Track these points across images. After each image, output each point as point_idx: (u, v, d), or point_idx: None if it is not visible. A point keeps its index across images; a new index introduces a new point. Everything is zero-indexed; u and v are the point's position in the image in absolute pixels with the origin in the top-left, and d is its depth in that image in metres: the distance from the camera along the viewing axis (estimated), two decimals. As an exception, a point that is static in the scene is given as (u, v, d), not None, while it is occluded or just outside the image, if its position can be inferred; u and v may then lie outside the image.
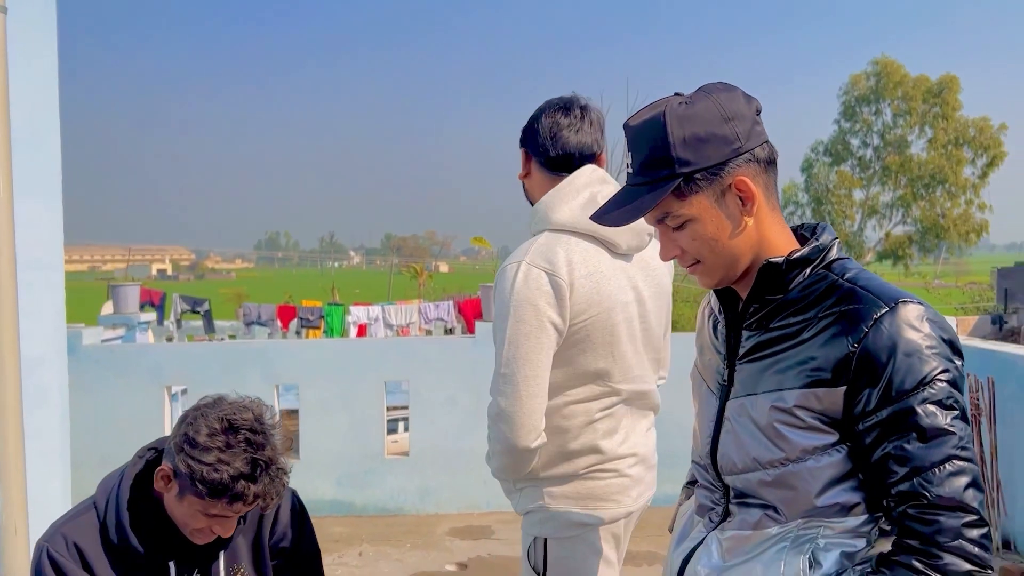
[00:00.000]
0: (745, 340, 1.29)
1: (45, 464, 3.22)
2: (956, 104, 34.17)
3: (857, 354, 1.15)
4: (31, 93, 3.15)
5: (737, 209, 1.23)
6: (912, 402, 1.12)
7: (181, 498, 1.58)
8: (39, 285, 3.17)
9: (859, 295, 1.18)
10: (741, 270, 1.28)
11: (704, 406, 1.38)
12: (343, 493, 5.34)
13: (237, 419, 1.55)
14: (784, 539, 1.24)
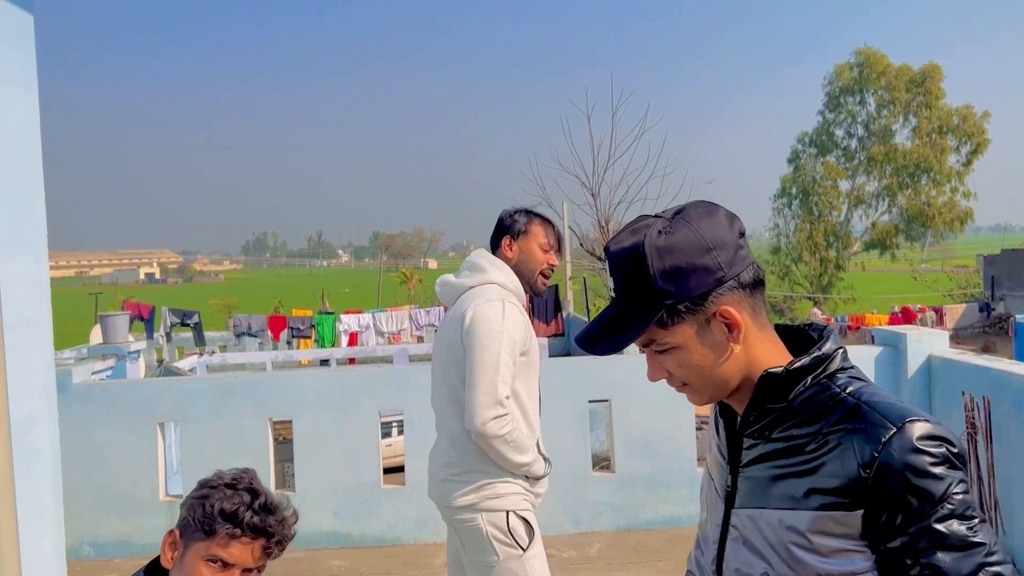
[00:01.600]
0: (747, 449, 1.27)
1: (37, 523, 3.17)
2: (939, 93, 34.36)
3: (871, 478, 1.14)
4: (12, 148, 3.09)
5: (723, 336, 1.22)
6: (933, 521, 1.12)
7: (184, 558, 1.59)
8: (27, 343, 3.12)
9: (865, 414, 1.17)
10: (731, 390, 1.27)
11: (711, 510, 1.35)
12: (340, 525, 5.30)
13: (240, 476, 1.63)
14: None
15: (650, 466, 5.41)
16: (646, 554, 4.97)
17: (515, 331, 2.51)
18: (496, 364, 2.46)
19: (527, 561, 2.51)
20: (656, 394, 5.42)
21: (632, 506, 5.41)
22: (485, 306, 2.51)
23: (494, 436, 2.45)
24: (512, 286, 2.63)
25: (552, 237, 2.72)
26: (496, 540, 2.50)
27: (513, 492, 2.53)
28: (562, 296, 17.87)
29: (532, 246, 2.68)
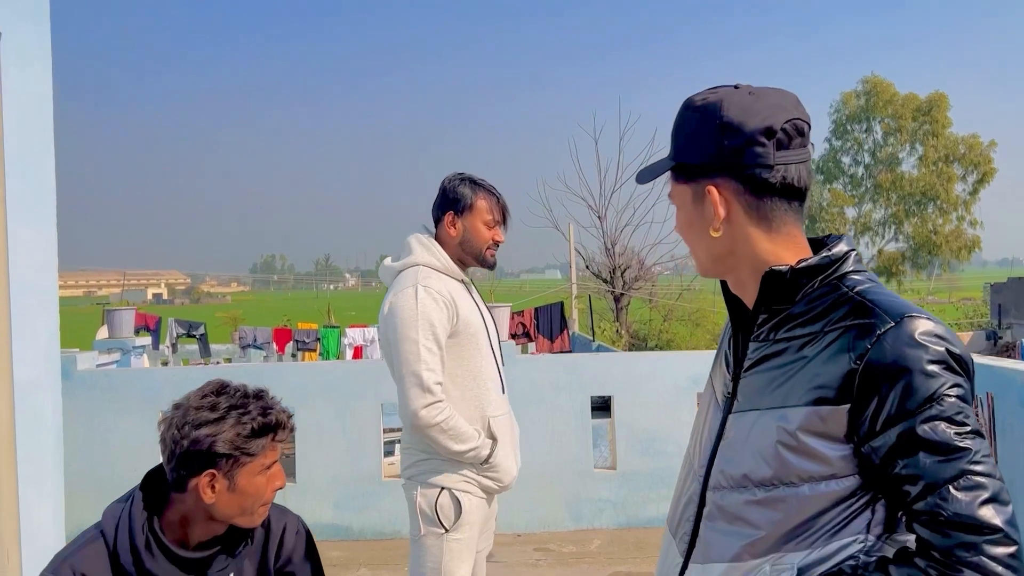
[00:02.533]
0: (751, 352, 1.24)
1: (38, 489, 3.18)
2: (946, 122, 34.48)
3: (860, 371, 1.10)
4: (25, 118, 3.15)
5: (710, 216, 1.22)
6: (920, 420, 1.07)
7: (234, 484, 1.61)
8: (34, 309, 3.16)
9: (866, 309, 1.13)
10: (723, 272, 1.28)
11: (709, 418, 1.32)
12: (340, 517, 5.29)
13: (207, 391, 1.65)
14: (763, 573, 1.17)
15: (652, 464, 5.39)
16: (647, 551, 4.93)
17: (432, 315, 2.42)
18: (417, 352, 2.39)
19: (447, 542, 2.45)
20: (658, 392, 5.42)
21: (633, 504, 5.38)
22: (399, 295, 2.46)
23: (428, 425, 2.39)
24: (441, 264, 2.55)
25: (497, 211, 2.61)
26: (421, 514, 2.48)
27: (453, 471, 2.47)
28: (567, 314, 17.84)
29: (477, 224, 2.58)
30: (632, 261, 24.76)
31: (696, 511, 1.26)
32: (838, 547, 1.13)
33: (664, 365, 5.53)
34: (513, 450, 2.63)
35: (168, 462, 1.61)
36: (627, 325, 24.45)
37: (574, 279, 24.00)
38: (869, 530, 1.14)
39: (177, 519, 1.65)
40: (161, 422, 1.65)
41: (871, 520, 1.14)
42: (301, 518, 1.87)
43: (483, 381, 2.54)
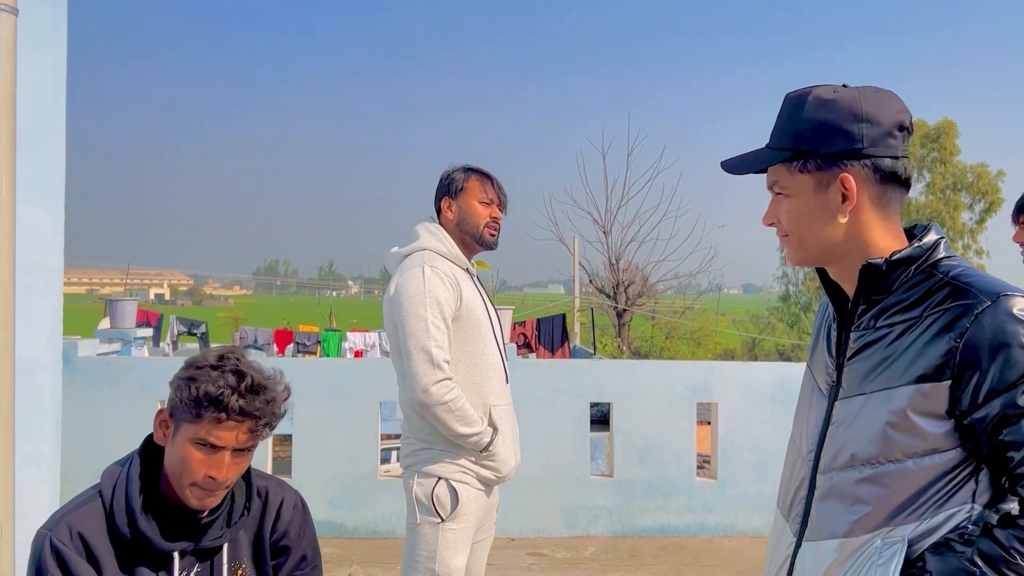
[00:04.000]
0: (853, 341, 1.31)
1: (34, 469, 3.18)
2: (954, 149, 34.51)
3: (960, 349, 1.17)
4: (37, 98, 3.17)
5: (836, 204, 1.28)
6: (1021, 391, 1.14)
7: (175, 437, 1.60)
8: (37, 289, 3.17)
9: (963, 291, 1.20)
10: (831, 260, 1.34)
11: (813, 407, 1.38)
12: (335, 514, 5.27)
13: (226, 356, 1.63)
14: (871, 548, 1.23)
15: (649, 472, 5.37)
16: (641, 559, 4.91)
17: (439, 294, 2.43)
18: (426, 328, 2.40)
19: (442, 531, 2.45)
20: (658, 400, 5.41)
21: (629, 512, 5.36)
22: (406, 275, 2.48)
23: (437, 403, 2.38)
24: (446, 250, 2.57)
25: (491, 191, 2.62)
26: (418, 503, 2.48)
27: (451, 461, 2.48)
28: (569, 327, 17.84)
29: (471, 202, 2.60)
30: (636, 277, 24.77)
31: (808, 493, 1.34)
32: (945, 517, 1.21)
33: (664, 374, 5.53)
34: (512, 442, 2.63)
35: None
36: (629, 341, 24.44)
37: (577, 292, 23.99)
38: (975, 499, 1.21)
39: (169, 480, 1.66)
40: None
41: (976, 490, 1.21)
42: (299, 493, 1.87)
43: (485, 368, 2.53)
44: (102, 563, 1.59)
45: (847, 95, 1.27)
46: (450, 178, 2.64)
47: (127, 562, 1.62)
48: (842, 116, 1.26)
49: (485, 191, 2.61)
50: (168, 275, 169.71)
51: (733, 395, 5.42)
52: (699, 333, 29.37)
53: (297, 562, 1.82)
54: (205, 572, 1.70)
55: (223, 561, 1.71)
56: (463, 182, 2.61)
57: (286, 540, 1.80)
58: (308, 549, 1.85)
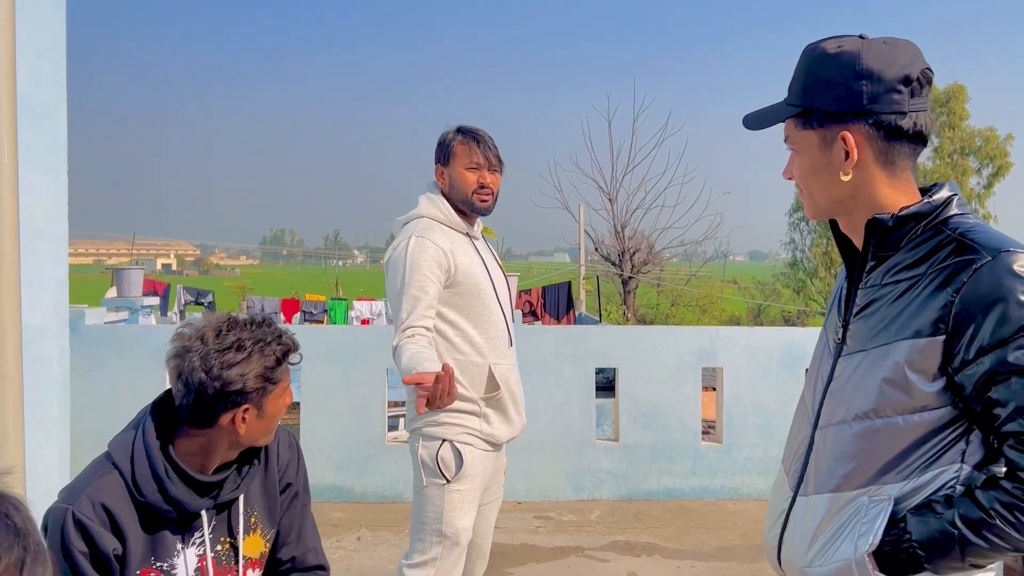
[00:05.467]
0: (859, 298, 1.31)
1: (43, 434, 3.21)
2: (963, 114, 34.14)
3: (956, 304, 1.16)
4: (38, 64, 3.14)
5: (839, 161, 1.27)
6: (1013, 347, 1.12)
7: (261, 412, 1.67)
8: (42, 255, 3.17)
9: (966, 246, 1.19)
10: (840, 214, 1.34)
11: (821, 366, 1.39)
12: (343, 479, 5.32)
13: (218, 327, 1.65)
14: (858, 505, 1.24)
15: (654, 437, 5.40)
16: (646, 521, 4.95)
17: (423, 263, 2.43)
18: (400, 302, 2.42)
19: (448, 492, 2.47)
20: (663, 366, 5.41)
21: (634, 476, 5.39)
22: (396, 246, 2.51)
23: (395, 349, 2.36)
24: (443, 216, 2.56)
25: (478, 155, 2.56)
26: (424, 465, 2.50)
27: (455, 423, 2.49)
28: (574, 295, 17.84)
29: (459, 170, 2.56)
30: (641, 244, 24.69)
31: (807, 450, 1.36)
32: (932, 476, 1.20)
33: (670, 339, 5.52)
34: (516, 403, 2.63)
35: (194, 401, 1.61)
36: (634, 308, 24.43)
37: (582, 260, 23.95)
38: (964, 460, 1.20)
39: (195, 449, 1.67)
40: (173, 360, 1.63)
41: (966, 451, 1.20)
42: (287, 430, 1.93)
43: (486, 329, 2.54)
44: (126, 532, 1.61)
45: (850, 50, 1.25)
46: (441, 143, 2.62)
47: (150, 528, 1.65)
48: (843, 72, 1.24)
49: (471, 156, 2.56)
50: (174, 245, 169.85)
51: (739, 360, 5.42)
52: (704, 300, 29.33)
53: (292, 498, 1.89)
54: (223, 523, 1.75)
55: (239, 510, 1.75)
56: (450, 148, 2.58)
57: (286, 477, 1.87)
58: (301, 484, 1.92)
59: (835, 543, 1.25)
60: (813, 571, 1.28)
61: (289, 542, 1.89)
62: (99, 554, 1.59)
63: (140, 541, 1.63)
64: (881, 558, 1.21)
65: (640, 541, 4.61)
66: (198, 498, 1.67)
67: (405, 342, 2.36)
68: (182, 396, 1.62)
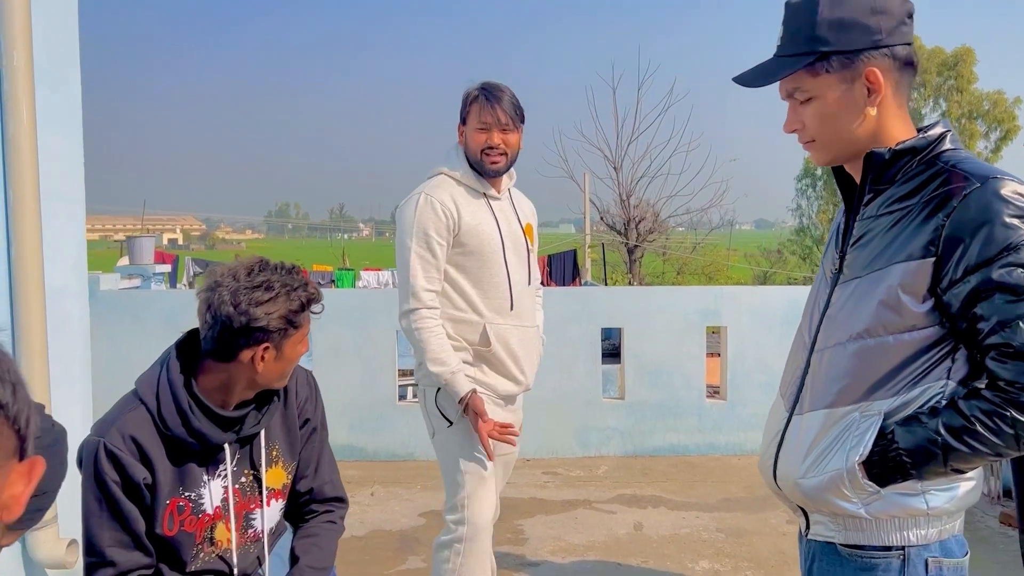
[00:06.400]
0: (856, 230, 1.37)
1: (68, 389, 3.31)
2: (971, 77, 33.86)
3: (946, 227, 1.22)
4: (51, 30, 3.20)
5: (862, 98, 1.31)
6: (998, 266, 1.19)
7: (280, 354, 1.75)
8: (61, 216, 3.25)
9: (958, 175, 1.25)
10: (855, 154, 1.37)
11: (818, 295, 1.46)
12: (356, 438, 5.44)
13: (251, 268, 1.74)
14: (850, 420, 1.32)
15: (659, 395, 5.50)
16: (651, 476, 5.06)
17: (427, 223, 2.46)
18: (407, 260, 2.46)
19: (454, 434, 2.52)
20: (668, 325, 5.49)
21: (640, 433, 5.50)
22: (404, 204, 2.55)
23: (407, 330, 2.50)
24: (459, 174, 2.57)
25: (487, 114, 2.52)
26: (431, 415, 2.58)
27: None
28: (580, 263, 17.90)
29: (472, 131, 2.55)
30: (647, 213, 24.64)
31: (803, 373, 1.42)
32: (920, 392, 1.28)
33: (674, 299, 5.60)
34: (516, 363, 2.62)
35: (219, 334, 1.69)
36: (640, 277, 24.47)
37: (588, 229, 23.95)
38: (950, 376, 1.28)
39: (216, 385, 1.76)
40: (204, 293, 1.72)
41: (952, 368, 1.28)
42: (306, 369, 2.03)
43: (486, 290, 2.55)
44: (155, 463, 1.71)
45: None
46: (463, 102, 2.61)
47: (176, 460, 1.74)
48: (859, 11, 1.29)
49: (481, 116, 2.54)
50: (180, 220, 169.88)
51: (743, 319, 5.50)
52: (710, 268, 29.33)
53: (310, 433, 1.99)
54: (246, 456, 1.84)
55: (261, 444, 1.84)
56: (467, 107, 2.58)
57: (305, 413, 1.96)
58: (319, 420, 2.03)
59: (828, 455, 1.34)
60: (807, 482, 1.36)
61: (308, 475, 1.99)
62: (131, 483, 1.69)
63: (168, 472, 1.73)
64: (870, 467, 1.29)
65: (646, 494, 4.72)
66: (221, 432, 1.76)
67: (424, 333, 2.45)
68: (208, 328, 1.70)
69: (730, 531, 4.15)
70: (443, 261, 2.50)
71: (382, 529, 4.25)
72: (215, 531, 1.81)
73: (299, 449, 1.96)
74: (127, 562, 1.69)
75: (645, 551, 3.91)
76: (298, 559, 1.92)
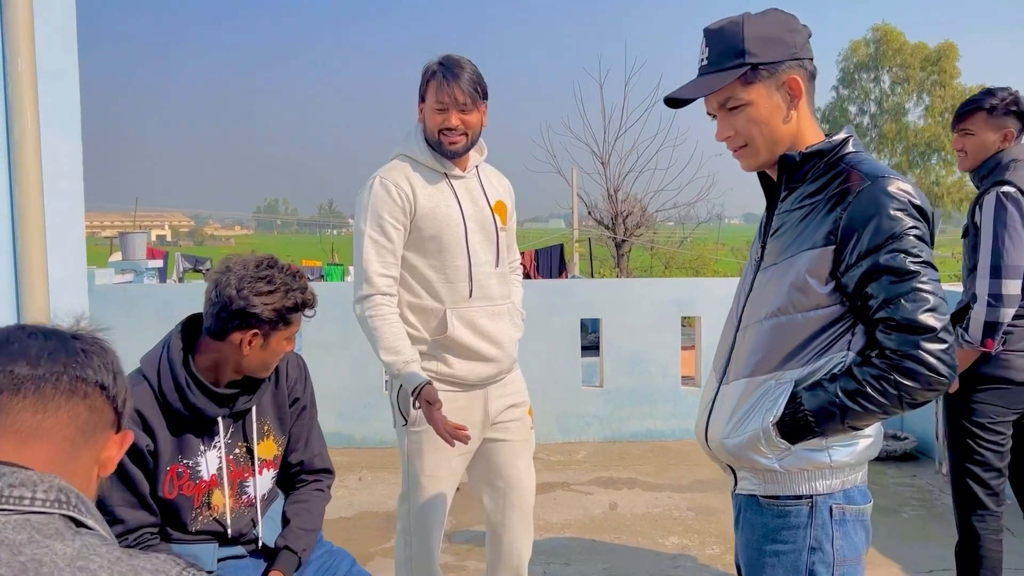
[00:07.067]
0: (775, 222, 1.60)
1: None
2: (954, 72, 34.25)
3: (843, 219, 1.44)
4: (50, 30, 3.37)
5: (785, 103, 1.53)
6: (885, 252, 1.41)
7: (266, 343, 1.93)
8: (63, 213, 3.42)
9: (855, 175, 1.48)
10: (777, 156, 1.57)
11: (744, 280, 1.68)
12: (344, 427, 5.63)
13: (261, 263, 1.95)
14: (766, 387, 1.53)
15: (636, 382, 5.72)
16: (629, 460, 5.28)
17: (381, 206, 2.37)
18: (361, 245, 2.37)
19: (408, 434, 2.46)
20: (644, 315, 5.71)
21: (618, 419, 5.72)
22: (360, 191, 2.45)
23: (360, 317, 2.39)
24: (419, 155, 2.44)
25: (444, 94, 2.35)
26: (393, 409, 2.53)
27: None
28: (567, 258, 18.10)
29: (429, 109, 2.40)
30: (634, 207, 24.85)
31: (730, 348, 1.64)
32: (825, 362, 1.49)
33: (650, 290, 5.82)
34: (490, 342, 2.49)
35: (217, 313, 1.90)
36: (627, 271, 24.70)
37: (575, 223, 24.15)
38: (850, 348, 1.49)
39: (209, 364, 1.96)
40: (212, 275, 1.94)
41: (851, 340, 1.50)
42: (297, 354, 2.22)
43: (448, 274, 2.43)
44: (156, 432, 1.92)
45: (774, 15, 1.53)
46: (421, 77, 2.44)
47: (175, 430, 1.95)
48: (779, 29, 1.51)
49: (438, 95, 2.36)
50: (168, 216, 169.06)
51: (716, 309, 5.72)
52: (697, 262, 29.59)
53: (300, 411, 2.18)
54: (239, 430, 2.04)
55: (252, 420, 2.04)
56: (425, 84, 2.42)
57: (294, 392, 2.14)
58: (308, 399, 2.22)
59: (748, 418, 1.55)
60: (730, 442, 1.57)
61: (298, 448, 2.19)
62: (135, 449, 1.89)
63: (168, 441, 1.93)
64: (782, 427, 1.50)
65: (622, 477, 4.94)
66: (215, 407, 1.97)
67: (376, 320, 2.34)
68: (211, 305, 1.92)
69: (700, 510, 4.38)
70: (399, 245, 2.40)
71: (369, 511, 4.46)
72: (212, 496, 2.01)
73: (289, 425, 2.16)
74: (135, 520, 1.89)
75: (619, 528, 4.12)
76: (289, 521, 2.13)
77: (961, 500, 2.77)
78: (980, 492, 2.72)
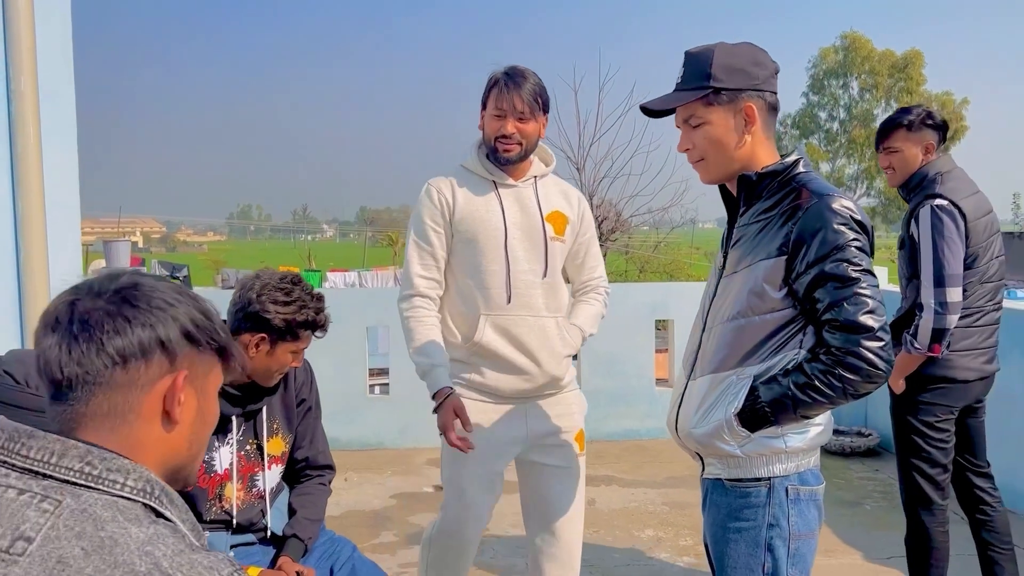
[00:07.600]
0: (735, 235, 1.79)
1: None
2: (920, 79, 35.05)
3: (793, 233, 1.64)
4: (48, 48, 3.50)
5: (741, 127, 1.72)
6: (829, 261, 1.60)
7: (274, 351, 2.08)
8: (62, 223, 3.55)
9: (804, 192, 1.68)
10: (732, 173, 1.77)
11: (709, 286, 1.87)
12: (329, 429, 5.61)
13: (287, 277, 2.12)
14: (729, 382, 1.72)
15: (612, 383, 5.92)
16: (605, 459, 5.48)
17: (423, 211, 2.44)
18: (407, 247, 2.48)
19: (443, 446, 2.44)
20: (620, 318, 5.91)
21: (595, 419, 5.85)
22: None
23: (400, 317, 2.46)
24: (470, 163, 2.49)
25: (504, 101, 2.38)
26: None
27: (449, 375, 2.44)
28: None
29: (488, 115, 2.44)
30: (609, 213, 25.10)
31: (696, 348, 1.83)
32: (780, 359, 1.69)
33: (625, 294, 6.03)
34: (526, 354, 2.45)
35: (235, 312, 2.08)
36: (603, 275, 24.87)
37: (551, 229, 24.29)
38: (802, 346, 1.69)
39: None
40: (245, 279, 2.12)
41: (803, 340, 1.70)
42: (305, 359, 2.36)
43: (481, 279, 2.42)
44: None
45: (745, 48, 1.74)
46: (486, 85, 2.47)
47: None
48: (744, 61, 1.71)
49: (498, 102, 2.40)
50: (140, 222, 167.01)
51: (688, 312, 5.90)
52: (672, 267, 29.95)
53: (306, 411, 2.33)
54: (250, 428, 2.20)
55: (263, 419, 2.21)
56: (488, 91, 2.45)
57: (301, 394, 2.31)
58: (314, 400, 2.38)
59: (713, 410, 1.74)
60: (697, 431, 1.77)
61: (304, 445, 2.36)
62: None
63: None
64: (743, 417, 1.69)
65: (599, 475, 5.13)
66: (229, 406, 2.13)
67: (412, 321, 2.41)
68: (232, 305, 2.10)
69: (674, 504, 4.58)
70: (441, 248, 2.45)
71: (356, 510, 4.61)
72: (224, 489, 2.17)
73: (296, 424, 2.32)
74: None
75: (596, 522, 4.31)
76: (296, 512, 2.29)
77: (909, 495, 2.93)
78: (927, 487, 2.87)
